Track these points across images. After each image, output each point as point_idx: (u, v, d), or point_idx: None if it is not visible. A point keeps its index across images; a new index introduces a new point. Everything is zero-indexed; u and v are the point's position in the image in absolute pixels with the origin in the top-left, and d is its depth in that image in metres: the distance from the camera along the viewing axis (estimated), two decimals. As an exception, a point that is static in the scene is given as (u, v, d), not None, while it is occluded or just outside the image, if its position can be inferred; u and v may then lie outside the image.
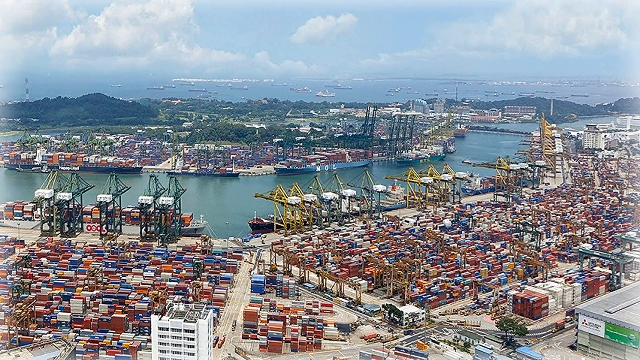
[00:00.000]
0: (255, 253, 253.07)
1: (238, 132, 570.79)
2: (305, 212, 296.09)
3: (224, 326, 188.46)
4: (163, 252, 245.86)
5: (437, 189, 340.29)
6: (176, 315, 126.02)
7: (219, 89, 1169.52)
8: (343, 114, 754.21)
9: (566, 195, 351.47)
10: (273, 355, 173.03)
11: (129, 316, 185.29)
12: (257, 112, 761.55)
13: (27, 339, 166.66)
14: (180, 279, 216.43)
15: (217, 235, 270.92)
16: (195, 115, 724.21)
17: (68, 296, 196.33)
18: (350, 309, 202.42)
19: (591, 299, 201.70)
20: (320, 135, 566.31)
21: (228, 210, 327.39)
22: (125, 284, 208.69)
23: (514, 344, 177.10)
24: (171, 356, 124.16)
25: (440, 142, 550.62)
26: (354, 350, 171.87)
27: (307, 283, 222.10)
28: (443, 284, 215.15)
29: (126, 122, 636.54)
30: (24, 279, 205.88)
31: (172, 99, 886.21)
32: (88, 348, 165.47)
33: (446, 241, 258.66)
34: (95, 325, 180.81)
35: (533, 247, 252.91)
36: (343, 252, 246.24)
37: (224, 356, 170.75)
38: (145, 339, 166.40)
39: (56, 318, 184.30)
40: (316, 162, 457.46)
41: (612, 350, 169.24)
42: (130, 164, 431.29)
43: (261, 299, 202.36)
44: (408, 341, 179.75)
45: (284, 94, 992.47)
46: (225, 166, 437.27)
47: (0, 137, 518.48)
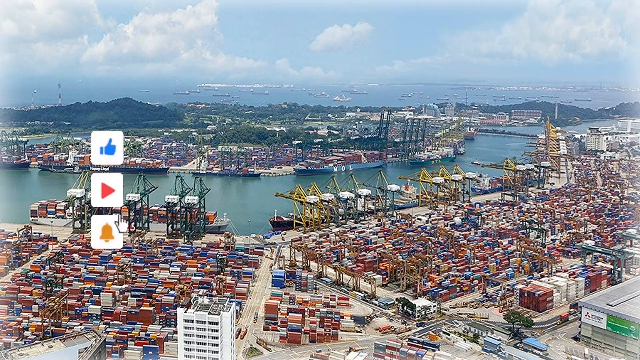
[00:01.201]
0: (276, 249, 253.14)
1: (259, 134, 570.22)
2: (323, 210, 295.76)
3: (246, 318, 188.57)
4: (188, 248, 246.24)
5: (448, 188, 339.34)
6: (201, 308, 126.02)
7: (241, 93, 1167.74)
8: (359, 117, 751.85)
9: (570, 194, 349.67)
10: (292, 346, 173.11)
11: (156, 309, 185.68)
12: (277, 116, 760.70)
13: (60, 330, 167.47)
14: (205, 273, 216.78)
15: (239, 232, 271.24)
16: (219, 118, 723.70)
17: (98, 290, 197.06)
18: (366, 302, 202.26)
19: (594, 292, 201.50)
20: (337, 137, 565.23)
21: (250, 209, 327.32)
22: (152, 279, 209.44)
23: (521, 335, 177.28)
24: (196, 347, 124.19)
25: (451, 144, 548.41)
26: (369, 341, 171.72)
27: (325, 278, 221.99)
28: (453, 278, 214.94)
29: (153, 125, 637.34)
30: (56, 274, 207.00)
31: (197, 103, 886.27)
32: (117, 339, 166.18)
33: (456, 238, 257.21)
34: (124, 318, 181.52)
35: (539, 244, 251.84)
36: (359, 248, 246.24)
37: (246, 347, 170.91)
38: (172, 330, 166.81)
39: (87, 311, 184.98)
40: (333, 163, 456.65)
41: (613, 341, 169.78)
42: (158, 165, 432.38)
43: (281, 293, 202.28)
44: (420, 332, 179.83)
45: (303, 98, 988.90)
46: (247, 167, 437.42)
47: (34, 139, 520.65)
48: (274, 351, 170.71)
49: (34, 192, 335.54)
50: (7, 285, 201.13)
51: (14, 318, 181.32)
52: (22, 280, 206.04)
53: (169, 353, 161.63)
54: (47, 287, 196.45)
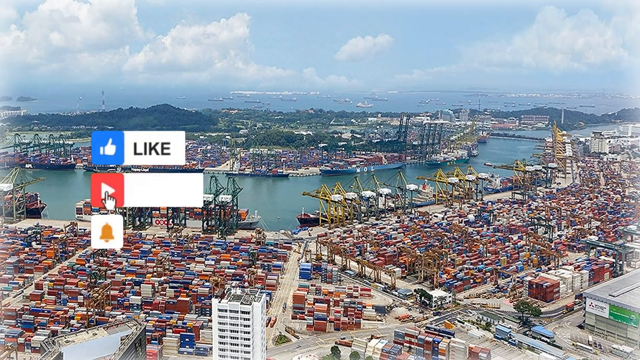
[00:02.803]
0: (303, 244, 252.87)
1: (288, 138, 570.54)
2: (347, 208, 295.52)
3: (275, 308, 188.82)
4: (222, 243, 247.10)
5: (462, 187, 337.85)
6: (234, 298, 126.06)
7: (271, 100, 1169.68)
8: (380, 122, 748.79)
9: (575, 193, 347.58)
10: (318, 334, 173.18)
11: (193, 299, 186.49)
12: (304, 121, 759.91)
13: (103, 319, 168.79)
14: (237, 266, 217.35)
15: (269, 228, 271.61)
16: (251, 123, 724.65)
17: (139, 282, 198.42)
18: (386, 293, 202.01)
19: (597, 284, 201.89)
20: (360, 140, 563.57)
21: (279, 207, 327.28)
22: (189, 271, 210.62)
23: (530, 323, 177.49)
24: (229, 334, 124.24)
25: (465, 147, 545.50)
26: (390, 329, 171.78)
27: (348, 270, 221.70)
28: (467, 271, 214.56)
29: (190, 130, 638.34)
30: (100, 267, 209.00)
31: (230, 109, 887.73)
32: (156, 327, 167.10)
33: (470, 233, 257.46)
34: (163, 307, 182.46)
35: (546, 239, 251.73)
36: (380, 243, 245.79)
37: (275, 334, 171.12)
38: (207, 319, 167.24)
39: (128, 301, 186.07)
40: (356, 164, 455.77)
41: (615, 329, 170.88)
42: (194, 166, 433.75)
43: (308, 284, 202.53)
44: (437, 321, 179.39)
45: (328, 104, 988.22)
46: (276, 168, 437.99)
47: (80, 142, 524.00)
48: (302, 338, 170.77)
49: (79, 192, 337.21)
50: (55, 278, 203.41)
51: (61, 308, 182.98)
52: (69, 273, 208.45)
53: (204, 340, 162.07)
54: (92, 279, 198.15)
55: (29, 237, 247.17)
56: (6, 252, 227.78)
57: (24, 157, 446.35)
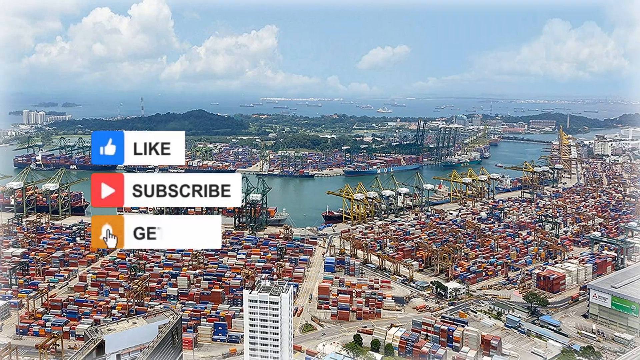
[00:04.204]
0: (328, 239, 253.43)
1: (313, 141, 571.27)
2: (368, 206, 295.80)
3: (302, 299, 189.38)
4: (253, 238, 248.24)
5: (475, 187, 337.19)
6: (263, 289, 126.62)
7: (298, 106, 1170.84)
8: (399, 126, 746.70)
9: (580, 192, 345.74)
10: (342, 322, 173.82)
11: (225, 291, 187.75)
12: (329, 125, 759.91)
13: (142, 309, 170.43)
14: (267, 260, 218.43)
15: (296, 224, 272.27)
16: (279, 127, 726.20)
17: (175, 274, 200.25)
18: (405, 284, 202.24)
19: (600, 276, 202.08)
20: (380, 143, 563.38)
21: (305, 205, 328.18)
22: (222, 265, 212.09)
23: (538, 313, 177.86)
24: (259, 323, 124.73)
25: (478, 149, 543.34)
26: (408, 318, 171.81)
27: (370, 264, 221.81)
28: (480, 264, 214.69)
29: (222, 133, 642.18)
30: (139, 261, 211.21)
31: (260, 114, 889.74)
32: (192, 316, 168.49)
33: (482, 230, 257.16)
34: (198, 298, 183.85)
35: (553, 235, 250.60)
36: (398, 238, 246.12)
37: (302, 323, 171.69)
38: (238, 309, 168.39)
39: (166, 292, 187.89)
40: (377, 165, 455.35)
41: (617, 318, 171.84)
42: (226, 167, 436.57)
43: (332, 277, 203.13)
44: (451, 311, 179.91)
45: (351, 110, 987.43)
46: (303, 169, 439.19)
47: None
48: (326, 327, 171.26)
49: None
50: (97, 270, 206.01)
51: (103, 298, 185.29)
52: (110, 266, 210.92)
53: (235, 329, 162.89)
54: (132, 272, 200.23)
55: (73, 233, 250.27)
56: (52, 247, 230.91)
57: (69, 158, 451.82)
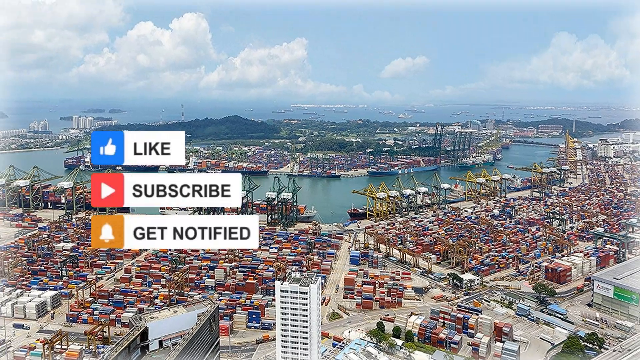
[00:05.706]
0: (353, 235, 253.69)
1: (340, 144, 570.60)
2: (390, 204, 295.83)
3: (329, 289, 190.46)
4: (284, 233, 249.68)
5: (488, 186, 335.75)
6: (294, 281, 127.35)
7: (325, 112, 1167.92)
8: (418, 131, 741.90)
9: (584, 191, 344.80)
10: (366, 311, 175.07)
11: (259, 282, 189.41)
12: (354, 130, 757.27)
13: (182, 298, 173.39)
14: (297, 254, 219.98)
15: (324, 221, 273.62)
16: (308, 132, 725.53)
17: (213, 267, 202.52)
18: (424, 276, 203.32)
19: (603, 269, 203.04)
20: (401, 146, 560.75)
21: (332, 203, 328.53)
22: (255, 258, 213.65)
23: (546, 302, 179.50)
24: (290, 312, 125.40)
25: (491, 152, 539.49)
26: (426, 307, 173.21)
27: (391, 257, 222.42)
28: (493, 257, 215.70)
29: (256, 137, 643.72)
30: (180, 254, 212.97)
31: (290, 119, 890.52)
32: (228, 305, 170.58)
33: (495, 226, 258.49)
34: (233, 289, 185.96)
35: (560, 230, 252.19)
36: (418, 233, 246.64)
37: (329, 312, 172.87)
38: (271, 299, 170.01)
39: (204, 283, 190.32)
40: (398, 167, 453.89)
41: (619, 307, 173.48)
42: (259, 168, 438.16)
43: (357, 269, 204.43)
44: (466, 300, 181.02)
45: (374, 116, 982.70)
46: (330, 170, 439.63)
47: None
48: (351, 315, 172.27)
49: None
50: (141, 263, 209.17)
51: (146, 289, 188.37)
52: (153, 259, 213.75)
53: (268, 317, 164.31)
54: (173, 264, 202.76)
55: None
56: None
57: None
